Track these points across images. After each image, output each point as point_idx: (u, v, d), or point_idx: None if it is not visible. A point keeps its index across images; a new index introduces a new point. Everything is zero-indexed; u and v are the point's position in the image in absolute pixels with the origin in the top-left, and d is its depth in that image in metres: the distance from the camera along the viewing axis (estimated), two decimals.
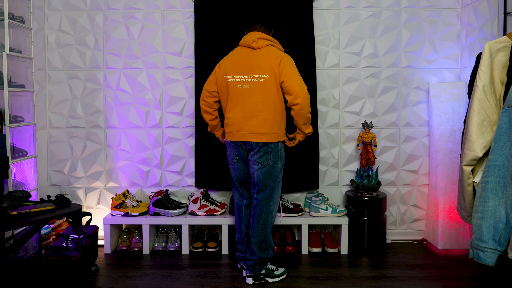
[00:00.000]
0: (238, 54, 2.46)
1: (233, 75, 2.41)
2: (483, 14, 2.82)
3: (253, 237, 2.48)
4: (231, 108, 2.44)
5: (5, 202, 2.20)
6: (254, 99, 2.37)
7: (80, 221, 2.39)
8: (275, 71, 2.34)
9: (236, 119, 2.41)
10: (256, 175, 2.43)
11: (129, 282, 2.54)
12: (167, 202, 3.04)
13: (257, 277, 2.48)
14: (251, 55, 2.40)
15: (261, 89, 2.36)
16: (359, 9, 3.13)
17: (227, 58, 2.49)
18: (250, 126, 2.37)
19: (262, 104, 2.36)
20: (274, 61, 2.34)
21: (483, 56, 2.00)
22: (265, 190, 2.45)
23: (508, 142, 1.85)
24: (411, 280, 2.55)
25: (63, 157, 3.21)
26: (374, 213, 2.98)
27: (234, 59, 2.45)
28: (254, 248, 2.47)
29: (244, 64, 2.39)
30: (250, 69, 2.37)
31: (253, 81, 2.36)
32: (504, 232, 1.84)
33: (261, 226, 2.47)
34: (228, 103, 2.46)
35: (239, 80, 2.39)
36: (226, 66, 2.45)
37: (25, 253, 2.68)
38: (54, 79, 3.18)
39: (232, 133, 2.45)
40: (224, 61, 2.49)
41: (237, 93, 2.41)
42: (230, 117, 2.45)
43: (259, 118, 2.36)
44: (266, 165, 2.40)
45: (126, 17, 3.14)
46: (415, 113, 3.18)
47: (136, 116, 3.18)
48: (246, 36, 2.45)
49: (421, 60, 3.16)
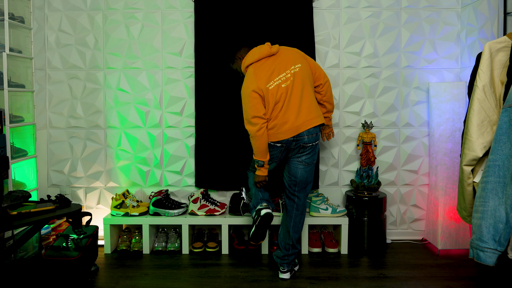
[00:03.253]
0: (264, 65, 2.46)
1: (273, 80, 2.42)
2: (483, 14, 2.82)
3: (296, 233, 2.61)
4: (284, 112, 2.41)
5: (5, 202, 2.20)
6: (298, 90, 2.43)
7: (80, 221, 2.39)
8: (303, 60, 2.50)
9: (290, 117, 2.41)
10: (299, 174, 2.52)
11: (129, 282, 2.54)
12: (167, 202, 3.04)
13: (292, 269, 2.63)
14: (276, 58, 2.49)
15: (300, 78, 2.45)
16: (359, 9, 3.13)
17: (255, 75, 2.43)
18: (303, 115, 2.42)
19: (305, 90, 2.45)
20: (296, 53, 2.53)
21: (483, 56, 2.00)
22: (307, 187, 2.58)
23: (508, 142, 1.85)
24: (411, 280, 2.55)
25: (63, 157, 3.21)
26: (374, 213, 2.98)
27: (263, 70, 2.44)
28: (296, 243, 2.62)
29: (276, 67, 2.45)
30: (284, 67, 2.45)
31: (292, 73, 2.44)
32: (504, 232, 1.84)
33: (303, 220, 2.64)
34: (275, 108, 2.42)
35: (280, 80, 2.43)
36: (260, 81, 2.41)
37: (25, 253, 2.68)
38: (54, 79, 3.18)
39: (285, 131, 2.41)
40: (255, 81, 2.42)
41: (283, 94, 2.41)
42: (285, 118, 2.41)
43: (306, 103, 2.44)
44: (311, 164, 2.53)
45: (126, 17, 3.14)
46: (415, 113, 3.18)
47: (136, 116, 3.18)
48: (257, 50, 2.48)
49: (421, 60, 3.16)
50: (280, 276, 2.58)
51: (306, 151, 2.47)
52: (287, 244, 2.61)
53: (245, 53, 2.56)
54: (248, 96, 2.40)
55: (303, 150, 2.47)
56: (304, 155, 2.48)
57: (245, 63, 2.51)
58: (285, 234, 2.63)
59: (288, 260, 2.60)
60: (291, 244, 2.60)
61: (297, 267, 2.70)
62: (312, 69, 2.52)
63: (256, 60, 2.47)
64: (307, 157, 2.49)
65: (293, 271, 2.64)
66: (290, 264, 2.61)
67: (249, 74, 2.46)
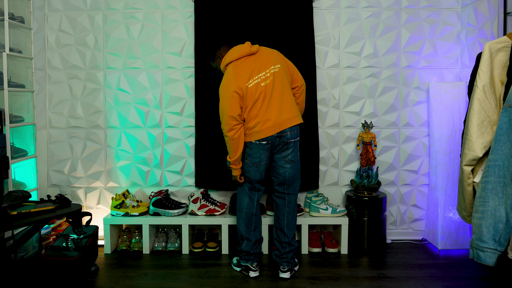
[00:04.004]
0: (244, 64, 2.48)
1: (252, 79, 2.45)
2: (483, 14, 2.82)
3: (290, 230, 2.64)
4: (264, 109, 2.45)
5: (5, 202, 2.20)
6: (278, 89, 2.48)
7: (80, 221, 2.39)
8: (283, 61, 2.56)
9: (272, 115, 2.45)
10: (288, 173, 2.56)
11: (129, 282, 2.54)
12: (167, 202, 3.04)
13: (292, 268, 2.64)
14: (257, 57, 2.52)
15: (280, 77, 2.50)
16: (359, 9, 3.13)
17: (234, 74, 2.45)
18: (285, 113, 2.47)
19: (285, 90, 2.51)
20: (276, 54, 2.57)
21: (483, 56, 2.00)
22: (294, 184, 2.62)
23: (508, 142, 1.85)
24: (411, 280, 2.55)
25: (63, 157, 3.21)
26: (374, 213, 2.98)
27: (243, 69, 2.46)
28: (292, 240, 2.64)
29: (256, 65, 2.48)
30: (264, 66, 2.49)
31: (272, 73, 2.48)
32: (504, 232, 1.84)
33: (296, 216, 2.68)
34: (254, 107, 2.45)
35: (260, 79, 2.46)
36: (239, 79, 2.43)
37: (25, 253, 2.68)
38: (54, 79, 3.18)
39: (268, 128, 2.44)
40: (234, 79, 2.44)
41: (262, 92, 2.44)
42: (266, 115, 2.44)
43: (287, 102, 2.50)
44: (296, 161, 2.57)
45: (126, 17, 3.14)
46: (415, 113, 3.18)
47: (136, 116, 3.18)
48: (237, 49, 2.51)
49: (421, 60, 3.16)
50: (280, 275, 2.59)
51: (289, 147, 2.52)
52: (283, 242, 2.62)
53: (225, 52, 2.58)
54: (226, 95, 2.43)
55: (286, 146, 2.51)
56: (288, 151, 2.52)
57: (225, 61, 2.53)
58: (279, 233, 2.64)
59: (287, 258, 2.61)
60: (287, 242, 2.62)
61: (297, 267, 2.70)
62: (290, 71, 2.57)
63: (236, 59, 2.49)
64: (291, 154, 2.53)
65: (293, 271, 2.64)
66: (290, 263, 2.62)
67: (229, 72, 2.48)
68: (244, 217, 2.63)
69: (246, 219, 2.63)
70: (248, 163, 2.54)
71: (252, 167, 2.53)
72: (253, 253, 2.63)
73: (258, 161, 2.51)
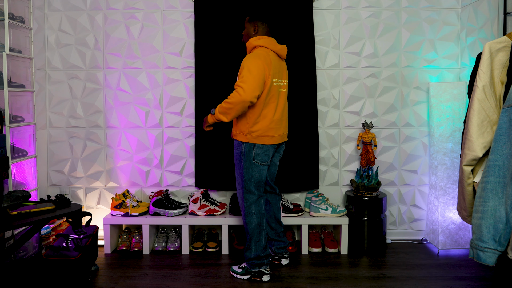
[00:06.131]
0: (273, 59, 2.50)
1: (277, 79, 2.52)
2: (483, 14, 2.82)
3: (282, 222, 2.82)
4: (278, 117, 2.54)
5: (5, 202, 2.20)
6: (284, 103, 2.60)
7: (80, 221, 2.39)
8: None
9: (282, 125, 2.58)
10: (276, 169, 2.76)
11: (129, 282, 2.54)
12: (167, 202, 3.04)
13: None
14: (281, 62, 2.60)
15: (286, 94, 2.64)
16: (359, 9, 3.13)
17: (267, 61, 2.43)
18: (283, 128, 2.62)
19: (286, 107, 2.64)
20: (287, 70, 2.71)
21: (483, 56, 2.00)
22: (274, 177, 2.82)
23: (508, 142, 1.85)
24: (411, 280, 2.55)
25: (63, 157, 3.21)
26: (374, 213, 2.98)
27: (272, 63, 2.47)
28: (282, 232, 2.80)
29: (279, 69, 2.55)
30: (285, 75, 2.62)
31: (285, 85, 2.61)
32: (504, 232, 1.84)
33: None
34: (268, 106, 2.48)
35: (279, 84, 2.54)
36: (269, 67, 2.44)
37: (25, 253, 2.68)
38: (54, 79, 3.18)
39: (276, 137, 2.55)
40: (266, 64, 2.42)
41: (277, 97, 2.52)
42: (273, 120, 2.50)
43: (285, 120, 2.65)
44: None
45: (126, 17, 3.14)
46: (415, 113, 3.18)
47: (136, 116, 3.18)
48: (275, 43, 2.54)
49: (421, 60, 3.16)
50: (283, 263, 2.78)
51: (280, 151, 2.71)
52: (280, 232, 2.78)
53: (262, 27, 2.56)
54: (259, 69, 2.36)
55: (278, 150, 2.69)
56: (278, 154, 2.71)
57: (259, 41, 2.49)
58: (276, 225, 2.77)
59: (284, 243, 2.79)
60: (282, 231, 2.80)
61: None
62: None
63: (272, 50, 2.52)
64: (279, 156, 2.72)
65: None
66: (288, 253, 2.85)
67: (265, 55, 2.44)
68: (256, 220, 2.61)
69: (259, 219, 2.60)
70: (256, 162, 2.51)
71: (259, 167, 2.52)
72: (264, 255, 2.56)
73: (265, 160, 2.54)
